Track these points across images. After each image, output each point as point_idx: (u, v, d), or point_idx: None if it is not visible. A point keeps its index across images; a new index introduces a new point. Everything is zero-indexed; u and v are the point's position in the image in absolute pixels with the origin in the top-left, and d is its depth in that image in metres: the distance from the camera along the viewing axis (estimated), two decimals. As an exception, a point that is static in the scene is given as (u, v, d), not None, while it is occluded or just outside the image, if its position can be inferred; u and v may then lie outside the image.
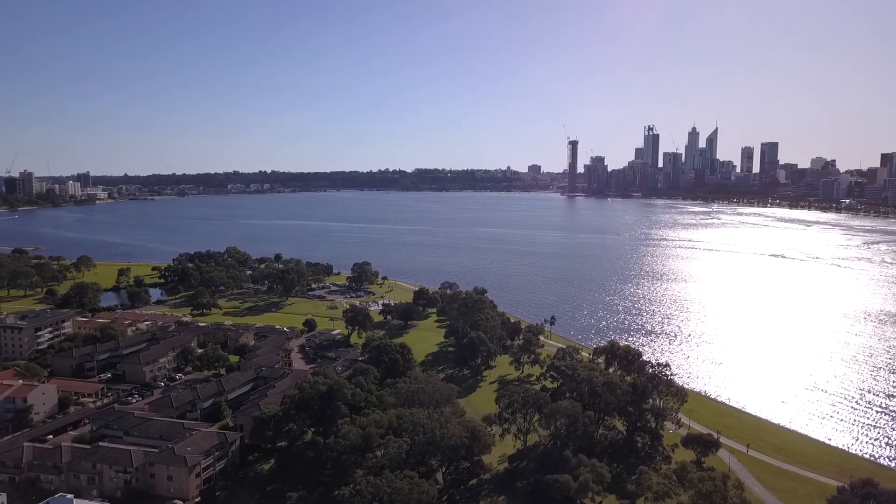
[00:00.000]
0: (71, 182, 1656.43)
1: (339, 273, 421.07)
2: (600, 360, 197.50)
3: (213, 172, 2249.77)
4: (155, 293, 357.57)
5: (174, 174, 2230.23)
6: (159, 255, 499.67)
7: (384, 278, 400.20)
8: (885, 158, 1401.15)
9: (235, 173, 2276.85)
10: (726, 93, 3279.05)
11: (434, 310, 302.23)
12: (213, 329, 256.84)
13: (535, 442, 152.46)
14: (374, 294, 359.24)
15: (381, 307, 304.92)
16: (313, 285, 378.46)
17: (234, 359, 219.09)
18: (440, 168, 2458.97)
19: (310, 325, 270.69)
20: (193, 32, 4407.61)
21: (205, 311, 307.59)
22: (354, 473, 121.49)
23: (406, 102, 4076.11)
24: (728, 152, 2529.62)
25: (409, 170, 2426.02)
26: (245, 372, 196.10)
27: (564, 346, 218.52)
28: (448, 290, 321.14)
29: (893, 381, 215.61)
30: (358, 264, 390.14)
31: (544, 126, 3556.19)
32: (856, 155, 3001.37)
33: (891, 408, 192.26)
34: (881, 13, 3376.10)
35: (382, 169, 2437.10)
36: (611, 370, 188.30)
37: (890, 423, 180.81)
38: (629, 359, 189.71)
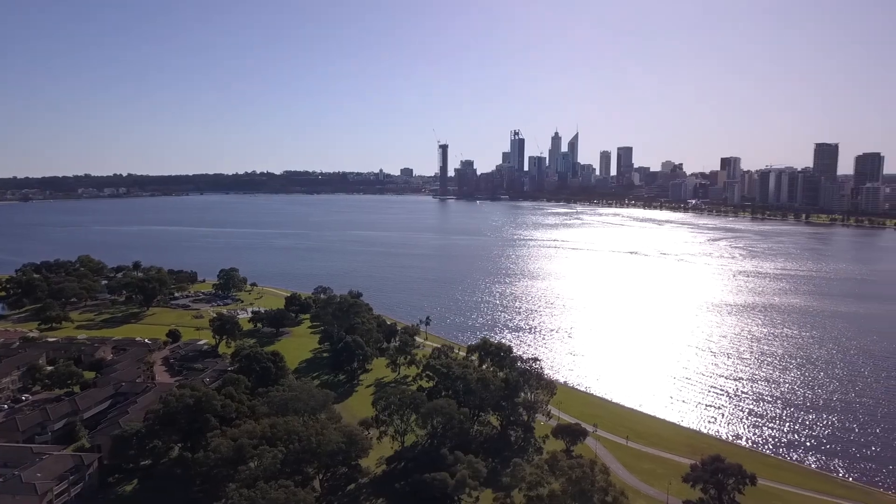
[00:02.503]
0: None
1: (204, 280, 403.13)
2: (474, 358, 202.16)
3: (61, 176, 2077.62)
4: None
5: (15, 177, 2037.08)
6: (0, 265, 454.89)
7: (253, 284, 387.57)
8: (724, 162, 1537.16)
9: (87, 176, 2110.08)
10: (585, 99, 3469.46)
11: (307, 316, 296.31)
12: (65, 344, 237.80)
13: (412, 442, 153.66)
14: (242, 301, 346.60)
15: (250, 315, 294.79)
16: (176, 294, 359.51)
17: (89, 375, 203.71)
18: (310, 170, 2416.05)
19: (174, 335, 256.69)
20: (41, 20, 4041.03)
21: (54, 324, 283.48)
22: (226, 487, 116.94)
23: (273, 102, 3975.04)
24: (588, 156, 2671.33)
25: (278, 172, 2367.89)
26: (102, 388, 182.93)
27: (440, 346, 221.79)
28: (322, 295, 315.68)
29: (730, 365, 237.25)
30: (225, 271, 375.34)
31: (415, 130, 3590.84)
32: (699, 159, 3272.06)
33: (729, 389, 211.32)
34: (722, 29, 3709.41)
35: (249, 171, 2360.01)
36: (484, 367, 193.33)
37: (730, 404, 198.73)
38: (501, 355, 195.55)
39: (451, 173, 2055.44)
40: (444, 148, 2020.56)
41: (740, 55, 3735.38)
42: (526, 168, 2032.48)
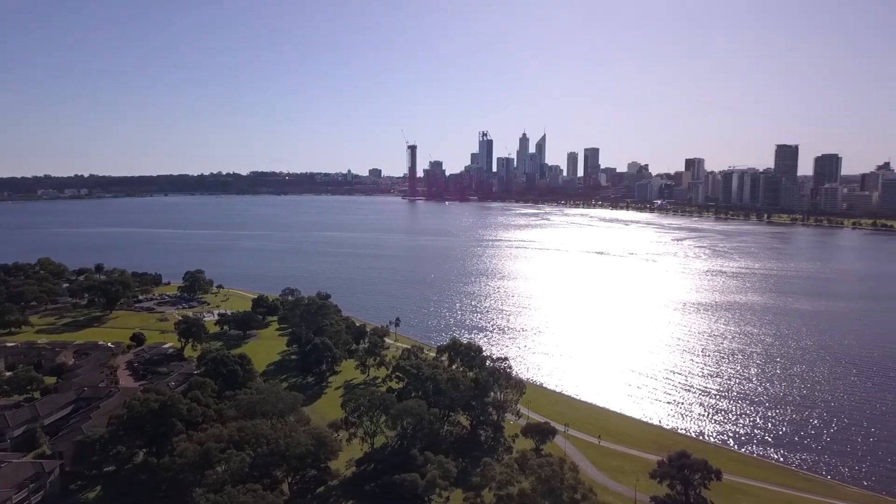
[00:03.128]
0: None
1: (169, 283, 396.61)
2: (444, 358, 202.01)
3: (19, 176, 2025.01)
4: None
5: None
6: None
7: (219, 287, 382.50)
8: (689, 163, 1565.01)
9: (46, 177, 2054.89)
10: (553, 100, 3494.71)
11: (275, 318, 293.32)
12: (24, 349, 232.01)
13: (382, 443, 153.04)
14: (208, 304, 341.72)
15: (216, 317, 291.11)
16: (140, 297, 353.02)
17: (50, 380, 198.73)
18: (278, 171, 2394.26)
19: (138, 339, 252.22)
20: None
21: (13, 329, 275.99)
22: (193, 492, 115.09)
23: (240, 102, 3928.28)
24: (556, 157, 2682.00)
25: (245, 172, 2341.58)
26: (64, 393, 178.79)
27: (410, 347, 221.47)
28: (289, 297, 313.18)
29: (696, 363, 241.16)
30: (190, 273, 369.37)
31: (384, 130, 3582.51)
32: (665, 160, 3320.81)
33: (695, 386, 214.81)
34: (691, 31, 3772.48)
35: (215, 172, 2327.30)
36: (454, 367, 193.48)
37: (696, 400, 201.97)
38: (471, 355, 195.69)
39: (420, 174, 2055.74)
40: (412, 149, 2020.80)
41: (706, 58, 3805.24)
42: (494, 169, 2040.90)
